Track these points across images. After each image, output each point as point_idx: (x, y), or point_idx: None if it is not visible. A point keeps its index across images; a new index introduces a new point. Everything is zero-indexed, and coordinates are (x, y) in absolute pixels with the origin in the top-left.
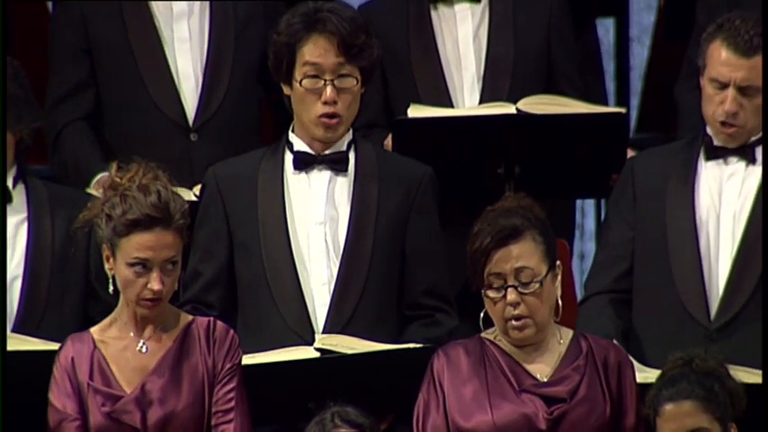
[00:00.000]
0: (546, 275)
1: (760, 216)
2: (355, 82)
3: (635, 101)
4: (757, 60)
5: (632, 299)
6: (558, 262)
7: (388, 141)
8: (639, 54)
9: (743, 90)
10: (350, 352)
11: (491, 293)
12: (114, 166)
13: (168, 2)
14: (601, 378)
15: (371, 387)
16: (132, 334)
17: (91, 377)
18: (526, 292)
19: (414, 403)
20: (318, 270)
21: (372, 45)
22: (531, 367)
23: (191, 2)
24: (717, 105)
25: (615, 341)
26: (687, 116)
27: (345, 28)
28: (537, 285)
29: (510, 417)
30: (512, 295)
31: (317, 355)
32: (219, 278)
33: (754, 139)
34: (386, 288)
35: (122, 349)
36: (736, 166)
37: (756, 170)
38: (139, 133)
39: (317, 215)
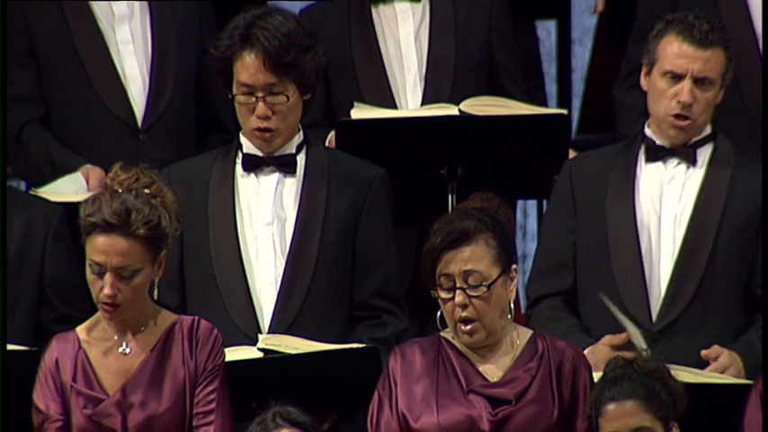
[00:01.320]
0: (496, 279)
1: (701, 218)
2: (286, 99)
3: (577, 102)
4: (713, 53)
5: (579, 301)
6: (514, 266)
7: (332, 140)
8: (581, 56)
9: (698, 82)
10: (293, 352)
11: (441, 294)
12: (118, 165)
13: (108, 2)
14: (553, 381)
15: (315, 387)
16: (115, 336)
17: (74, 378)
18: (474, 294)
19: (356, 403)
20: (266, 270)
21: (306, 59)
22: (483, 368)
23: (130, 2)
24: (670, 99)
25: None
26: (626, 113)
27: (274, 45)
28: (485, 289)
29: (455, 418)
30: (459, 297)
31: (261, 355)
32: (173, 279)
33: (696, 139)
34: (333, 288)
35: (106, 351)
36: (677, 169)
37: (697, 173)
38: (89, 134)
39: (264, 216)
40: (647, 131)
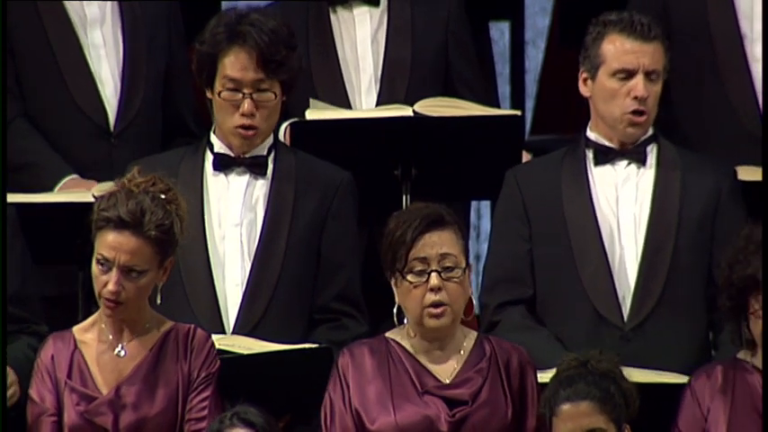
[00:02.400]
0: (465, 267)
1: (659, 218)
2: (274, 96)
3: (530, 103)
4: (656, 46)
5: (539, 310)
6: (471, 263)
7: (287, 135)
8: (534, 57)
9: (648, 75)
10: (246, 352)
11: (412, 278)
12: (136, 168)
13: (81, 2)
14: (503, 381)
15: (269, 387)
16: (111, 337)
17: (69, 376)
18: (449, 278)
19: (310, 403)
20: (233, 271)
21: (293, 58)
22: (434, 369)
23: (102, 3)
24: (624, 97)
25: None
26: None
27: (265, 42)
28: (460, 272)
29: (412, 418)
30: (435, 280)
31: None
32: None
33: (643, 138)
34: (298, 290)
35: (101, 352)
36: (629, 170)
37: (648, 173)
38: (62, 136)
39: (233, 217)
40: (591, 135)
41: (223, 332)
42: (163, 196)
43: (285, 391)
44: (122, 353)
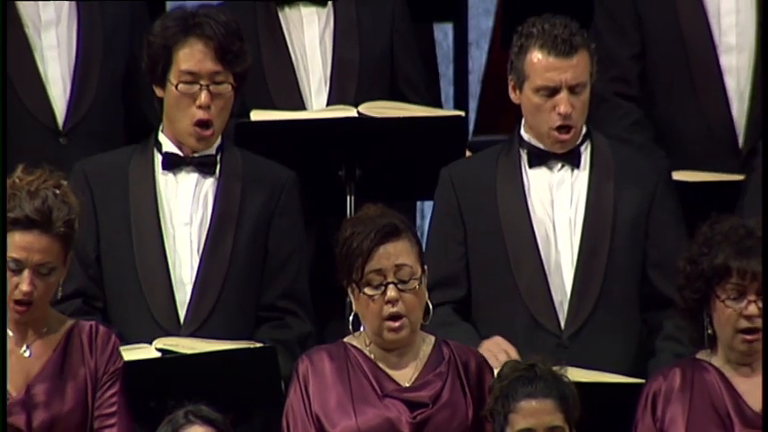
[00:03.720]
0: (421, 276)
1: (594, 221)
2: (230, 88)
3: (473, 104)
4: (579, 58)
5: (472, 312)
6: (425, 267)
7: None
8: (478, 58)
9: (572, 89)
10: (190, 352)
11: (369, 291)
12: (20, 168)
13: (37, 2)
14: (463, 383)
15: (212, 386)
16: (15, 338)
17: None
18: (405, 289)
19: (254, 402)
20: (184, 269)
21: (246, 51)
22: (393, 373)
23: (59, 4)
24: (549, 113)
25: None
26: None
27: (222, 33)
28: (416, 283)
29: (374, 421)
30: (392, 292)
31: (158, 354)
32: (96, 273)
33: (577, 142)
34: (246, 288)
35: (8, 353)
36: (563, 172)
37: (582, 175)
38: (12, 135)
39: (183, 216)
40: (525, 136)
41: (178, 329)
42: (58, 191)
43: (229, 390)
44: (27, 353)
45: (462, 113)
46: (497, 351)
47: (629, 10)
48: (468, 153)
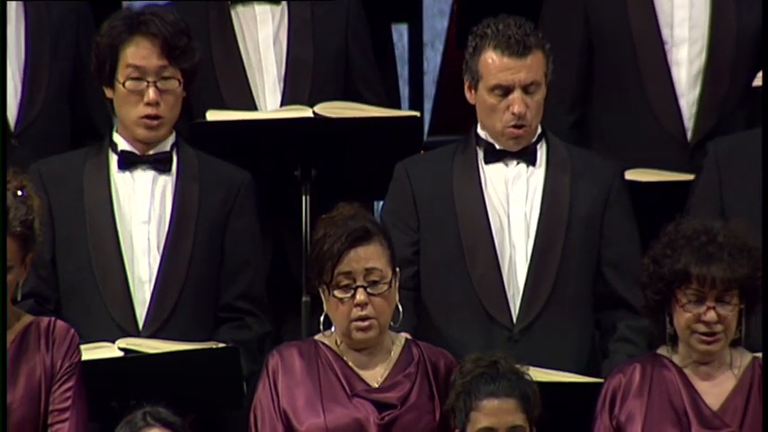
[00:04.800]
0: (391, 279)
1: (549, 217)
2: (177, 84)
3: (428, 105)
4: (533, 58)
5: (423, 300)
6: (398, 269)
7: None
8: (433, 59)
9: (526, 89)
10: (152, 351)
11: (339, 293)
12: None
13: None
14: (431, 384)
15: (174, 386)
16: None
17: None
18: (374, 292)
19: (216, 403)
20: (141, 268)
21: (194, 48)
22: (363, 373)
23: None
24: (503, 112)
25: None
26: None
27: (168, 30)
28: (385, 287)
29: (342, 420)
30: (361, 295)
31: (121, 354)
32: (49, 274)
33: (533, 140)
34: (205, 288)
35: None
36: (519, 168)
37: (538, 171)
38: None
39: (140, 214)
40: (481, 133)
41: (135, 328)
42: (20, 193)
43: (191, 391)
44: None
45: (417, 114)
46: None
47: (578, 4)
48: (423, 153)
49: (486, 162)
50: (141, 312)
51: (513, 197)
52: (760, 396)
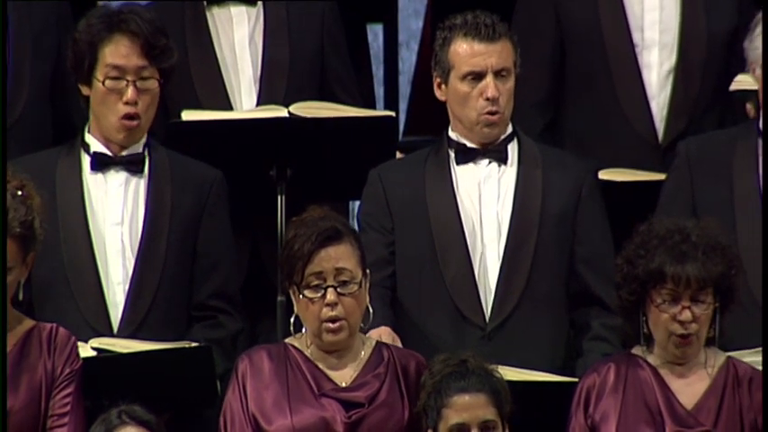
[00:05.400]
0: (361, 279)
1: (521, 215)
2: (156, 83)
3: (403, 105)
4: (503, 45)
5: (399, 300)
6: (368, 270)
7: None
8: (408, 59)
9: (498, 74)
10: (125, 351)
11: (309, 293)
12: None
13: None
14: (401, 385)
15: (148, 386)
16: None
17: None
18: (345, 292)
19: (190, 402)
20: (115, 269)
21: (172, 48)
22: (332, 373)
23: None
24: (477, 99)
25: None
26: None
27: (148, 29)
28: (356, 287)
29: (309, 420)
30: (331, 295)
31: (94, 353)
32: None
33: (503, 137)
34: (179, 289)
35: None
36: (490, 168)
37: (509, 171)
38: None
39: (113, 216)
40: (453, 135)
41: (110, 329)
42: (20, 193)
43: (165, 390)
44: None
45: (393, 114)
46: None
47: (548, 6)
48: (398, 153)
49: (458, 163)
50: (115, 314)
51: (485, 198)
52: (734, 396)
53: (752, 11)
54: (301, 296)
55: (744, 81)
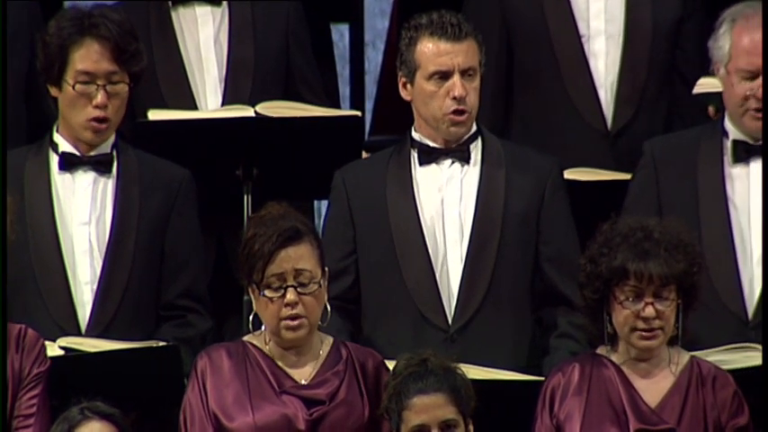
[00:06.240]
0: (320, 279)
1: (483, 215)
2: (126, 87)
3: (369, 104)
4: (469, 44)
5: (359, 309)
6: (326, 268)
7: None
8: (374, 59)
9: (464, 73)
10: (93, 350)
11: (269, 293)
12: None
13: None
14: (360, 382)
15: (116, 385)
16: None
17: None
18: (305, 292)
19: (158, 400)
20: (82, 269)
21: (141, 51)
22: (292, 371)
23: None
24: (443, 98)
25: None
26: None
27: (118, 33)
28: (316, 287)
29: (270, 417)
30: (291, 295)
31: (61, 353)
32: None
33: (466, 137)
34: (147, 288)
35: None
36: (452, 168)
37: (472, 171)
38: None
39: (81, 216)
40: (416, 135)
41: (78, 329)
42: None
43: (133, 389)
44: None
45: (359, 113)
46: None
47: (494, 5)
48: (364, 153)
49: (421, 164)
50: (83, 314)
51: (448, 199)
52: (698, 395)
53: (696, 3)
54: (261, 295)
55: (706, 84)
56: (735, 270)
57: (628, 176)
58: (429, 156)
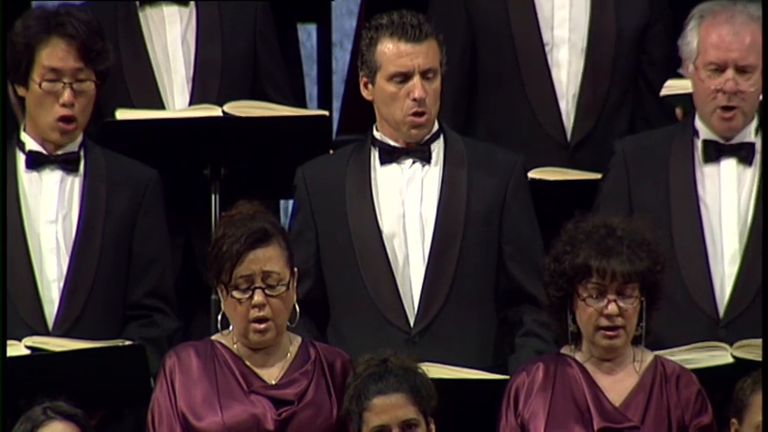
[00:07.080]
0: (289, 280)
1: (446, 217)
2: (93, 85)
3: (337, 104)
4: (429, 45)
5: (329, 303)
6: (295, 269)
7: None
8: (341, 59)
9: (424, 75)
10: (58, 349)
11: (237, 294)
12: None
13: None
14: (328, 382)
15: (82, 384)
16: None
17: None
18: (272, 294)
19: (124, 399)
20: (49, 267)
21: (108, 49)
22: (260, 371)
23: None
24: (404, 100)
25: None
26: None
27: (84, 32)
28: (283, 289)
29: (239, 417)
30: (258, 297)
31: (27, 352)
32: None
33: (427, 137)
34: (114, 287)
35: None
36: (413, 168)
37: (433, 170)
38: None
39: (48, 214)
40: (377, 134)
41: (45, 327)
42: None
43: (99, 388)
44: None
45: (326, 113)
46: None
47: (460, 4)
48: (331, 152)
49: (382, 163)
50: (50, 311)
51: (409, 199)
52: (662, 393)
53: (664, 7)
54: (229, 296)
55: (674, 86)
56: (706, 269)
57: (594, 176)
58: (390, 155)
